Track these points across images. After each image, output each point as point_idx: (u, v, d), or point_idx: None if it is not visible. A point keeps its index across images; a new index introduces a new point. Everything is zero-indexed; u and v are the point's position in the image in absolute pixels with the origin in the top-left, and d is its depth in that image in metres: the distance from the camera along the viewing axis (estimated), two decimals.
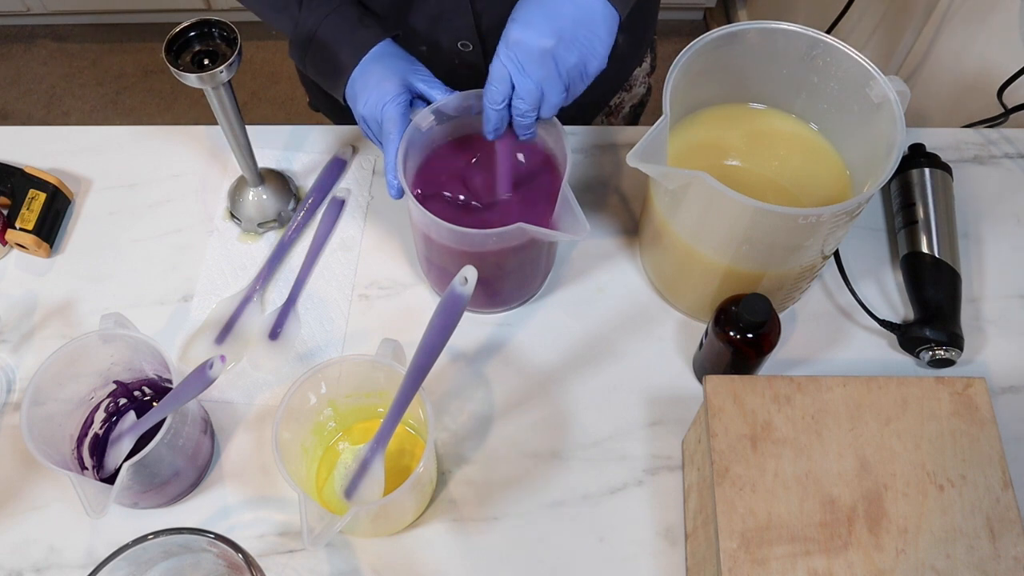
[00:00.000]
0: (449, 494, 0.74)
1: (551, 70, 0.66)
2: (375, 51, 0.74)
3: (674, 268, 0.79)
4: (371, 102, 0.73)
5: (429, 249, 0.77)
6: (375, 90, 0.73)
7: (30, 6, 2.17)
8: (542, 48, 0.65)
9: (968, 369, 0.79)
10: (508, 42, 0.66)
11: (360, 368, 0.68)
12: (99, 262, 0.86)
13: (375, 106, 0.73)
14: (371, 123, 0.74)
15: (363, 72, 0.74)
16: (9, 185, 0.86)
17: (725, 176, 0.66)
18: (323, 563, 0.71)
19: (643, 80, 1.06)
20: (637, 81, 1.05)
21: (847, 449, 0.61)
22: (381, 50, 0.75)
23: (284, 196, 0.88)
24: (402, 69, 0.74)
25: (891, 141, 0.68)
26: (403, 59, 0.75)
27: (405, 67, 0.74)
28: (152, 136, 0.95)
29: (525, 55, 0.65)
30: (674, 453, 0.75)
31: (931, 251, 0.80)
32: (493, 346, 0.81)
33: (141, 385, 0.75)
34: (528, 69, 0.66)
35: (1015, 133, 0.93)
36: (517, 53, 0.65)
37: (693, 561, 0.68)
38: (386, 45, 0.75)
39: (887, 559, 0.57)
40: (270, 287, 0.85)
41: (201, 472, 0.74)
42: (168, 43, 0.71)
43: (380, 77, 0.73)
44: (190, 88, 0.72)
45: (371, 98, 0.73)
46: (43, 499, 0.74)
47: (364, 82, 0.74)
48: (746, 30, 0.73)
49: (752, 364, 0.72)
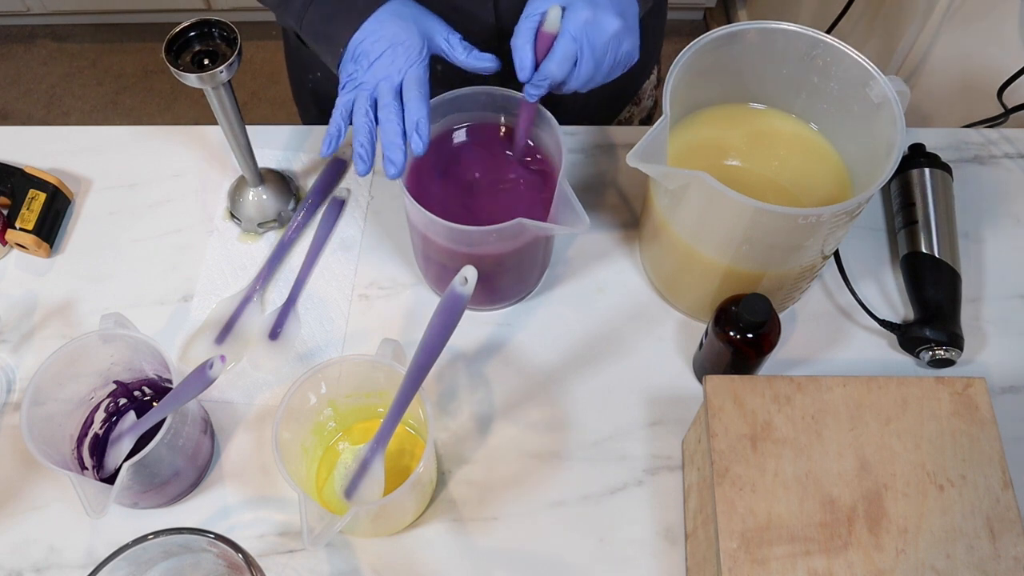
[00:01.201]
0: (449, 494, 0.74)
1: (612, 53, 0.65)
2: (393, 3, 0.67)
3: (674, 268, 0.79)
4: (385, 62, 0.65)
5: (427, 248, 0.77)
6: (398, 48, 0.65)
7: (30, 6, 2.17)
8: (614, 30, 0.63)
9: (968, 369, 0.79)
10: (581, 21, 0.63)
11: (360, 368, 0.68)
12: (99, 262, 0.86)
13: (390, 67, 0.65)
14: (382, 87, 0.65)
15: (378, 24, 0.66)
16: (9, 185, 0.86)
17: (725, 176, 0.66)
18: (323, 563, 0.71)
19: (650, 93, 1.06)
20: (646, 94, 1.05)
21: (847, 449, 0.61)
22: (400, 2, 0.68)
23: (284, 196, 0.88)
24: (424, 26, 0.67)
25: (891, 141, 0.68)
26: (422, 13, 0.68)
27: (425, 23, 0.67)
28: (152, 136, 0.95)
29: (598, 37, 0.63)
30: (674, 453, 0.75)
31: (931, 251, 0.80)
32: (493, 346, 0.81)
33: (141, 385, 0.75)
34: (597, 51, 0.64)
35: (1015, 133, 0.93)
36: (591, 34, 0.64)
37: (693, 561, 0.68)
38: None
39: (887, 559, 0.57)
40: (270, 287, 0.85)
41: (201, 472, 0.74)
42: (168, 43, 0.71)
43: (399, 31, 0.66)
44: (190, 88, 0.72)
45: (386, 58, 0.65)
46: (43, 499, 0.74)
47: (379, 36, 0.66)
48: (746, 30, 0.73)
49: (752, 364, 0.72)
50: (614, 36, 0.65)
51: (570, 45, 0.65)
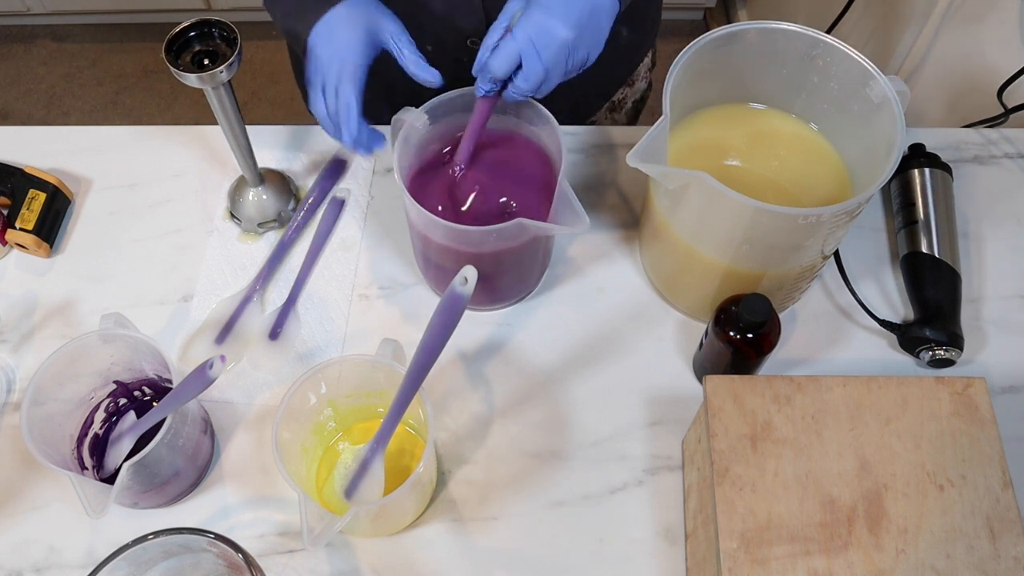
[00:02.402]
0: (449, 494, 0.74)
1: (562, 60, 0.66)
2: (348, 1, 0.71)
3: (674, 268, 0.79)
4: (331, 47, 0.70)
5: (427, 248, 0.77)
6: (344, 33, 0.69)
7: (30, 6, 2.17)
8: (563, 39, 0.64)
9: (968, 369, 0.79)
10: (529, 24, 0.65)
11: (360, 368, 0.68)
12: (99, 262, 0.86)
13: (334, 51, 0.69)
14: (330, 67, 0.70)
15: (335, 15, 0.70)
16: (9, 185, 0.86)
17: (725, 176, 0.66)
18: (323, 563, 0.71)
19: (645, 75, 1.06)
20: (639, 76, 1.05)
21: (847, 449, 0.61)
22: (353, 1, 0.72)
23: (284, 196, 0.88)
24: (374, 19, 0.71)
25: (891, 141, 0.68)
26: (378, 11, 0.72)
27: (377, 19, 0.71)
28: (152, 136, 0.95)
29: (545, 42, 0.65)
30: (674, 453, 0.75)
31: (931, 251, 0.80)
32: (493, 346, 0.81)
33: (141, 385, 0.75)
34: (544, 56, 0.65)
35: (1015, 133, 0.93)
36: (537, 38, 0.65)
37: (693, 561, 0.68)
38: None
39: (887, 559, 0.57)
40: (270, 287, 0.85)
41: (201, 472, 0.74)
42: (168, 43, 0.71)
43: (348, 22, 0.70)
44: (190, 88, 0.72)
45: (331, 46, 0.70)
46: (43, 499, 0.74)
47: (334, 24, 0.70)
48: (746, 30, 0.73)
49: (752, 364, 0.72)
50: (563, 45, 0.65)
51: (511, 44, 0.66)
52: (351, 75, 0.69)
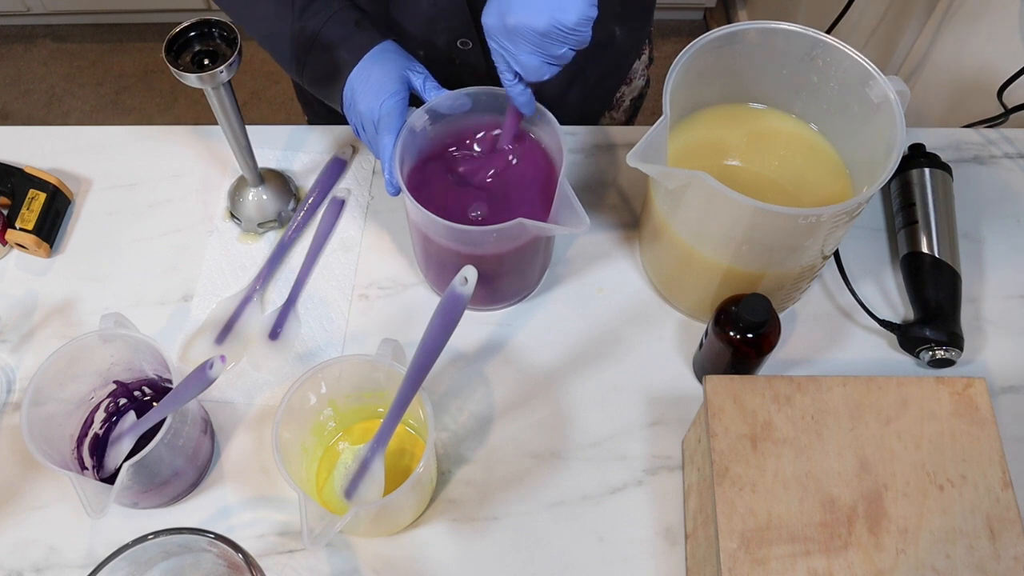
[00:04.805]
0: (449, 494, 0.74)
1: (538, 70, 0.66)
2: (375, 51, 0.75)
3: (674, 268, 0.79)
4: (370, 98, 0.73)
5: (427, 247, 0.77)
6: (375, 86, 0.73)
7: (30, 6, 2.17)
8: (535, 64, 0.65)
9: (968, 369, 0.79)
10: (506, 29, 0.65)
11: (360, 368, 0.68)
12: (99, 262, 0.86)
13: (373, 103, 0.73)
14: (367, 123, 0.74)
15: (363, 70, 0.74)
16: (9, 185, 0.86)
17: (725, 176, 0.66)
18: (323, 563, 0.71)
19: (642, 73, 1.06)
20: (637, 74, 1.05)
21: (847, 449, 0.61)
22: (381, 49, 0.75)
23: (284, 196, 0.88)
24: (401, 66, 0.74)
25: (891, 141, 0.68)
26: (402, 57, 0.75)
27: (404, 64, 0.74)
28: (152, 136, 0.95)
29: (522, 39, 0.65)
30: (674, 453, 0.75)
31: (931, 251, 0.80)
32: (493, 346, 0.81)
33: (141, 385, 0.75)
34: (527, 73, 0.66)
35: (1015, 133, 0.93)
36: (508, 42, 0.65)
37: (693, 561, 0.68)
38: (386, 45, 0.75)
39: (887, 559, 0.57)
40: (270, 287, 0.85)
41: (201, 472, 0.74)
42: (168, 43, 0.71)
43: (380, 74, 0.73)
44: (190, 88, 0.72)
45: (370, 95, 0.73)
46: (43, 499, 0.74)
47: (364, 80, 0.74)
48: (746, 30, 0.73)
49: (752, 364, 0.72)
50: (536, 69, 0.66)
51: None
52: (387, 125, 0.72)
